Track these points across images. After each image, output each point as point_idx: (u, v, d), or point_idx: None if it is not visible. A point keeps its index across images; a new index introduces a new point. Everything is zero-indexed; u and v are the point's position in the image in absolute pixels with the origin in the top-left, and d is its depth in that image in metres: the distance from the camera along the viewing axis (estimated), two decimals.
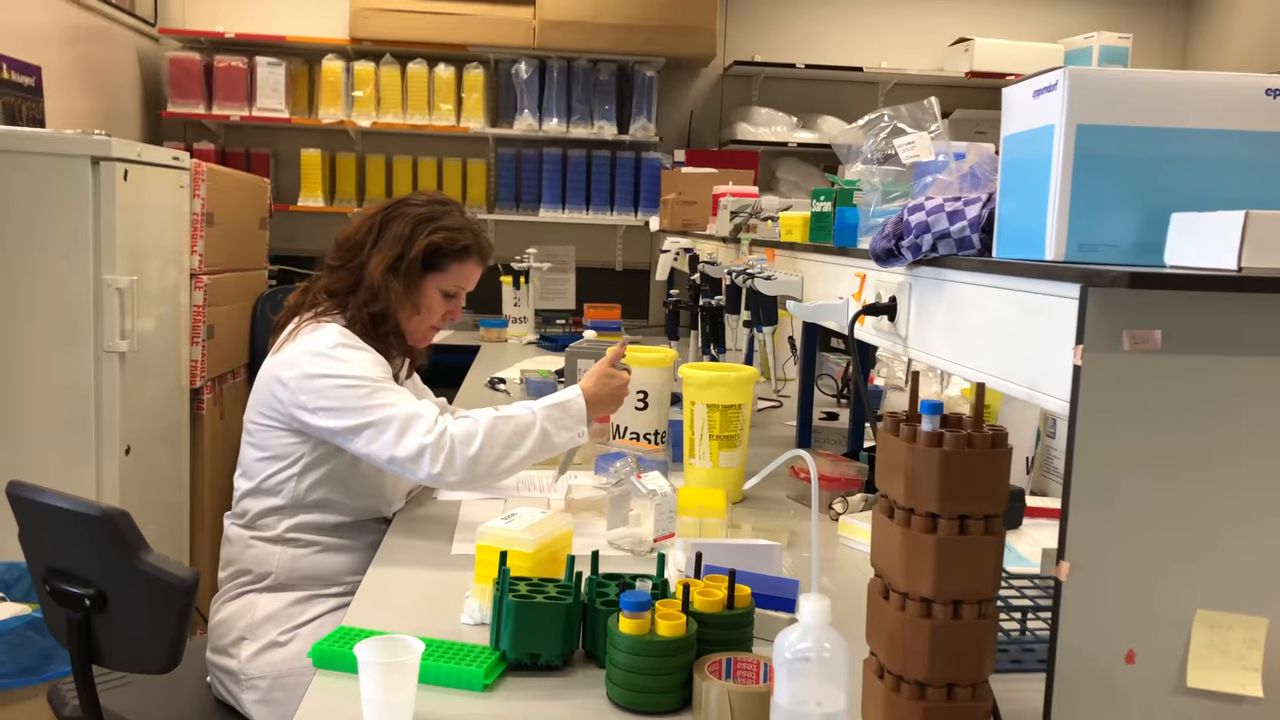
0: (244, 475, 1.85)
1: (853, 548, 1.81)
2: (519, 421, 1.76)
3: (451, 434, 1.70)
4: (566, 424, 1.80)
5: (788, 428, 2.84)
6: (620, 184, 4.82)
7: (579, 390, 1.85)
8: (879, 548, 1.10)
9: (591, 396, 1.86)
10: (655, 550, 1.71)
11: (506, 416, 1.76)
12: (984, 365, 1.26)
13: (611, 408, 1.91)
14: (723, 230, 2.88)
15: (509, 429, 1.74)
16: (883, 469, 1.09)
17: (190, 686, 1.85)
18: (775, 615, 1.38)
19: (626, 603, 1.15)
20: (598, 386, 1.87)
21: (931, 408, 1.02)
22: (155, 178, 2.96)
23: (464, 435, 1.71)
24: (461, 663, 1.21)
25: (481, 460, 1.71)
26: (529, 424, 1.76)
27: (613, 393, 1.89)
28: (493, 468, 1.72)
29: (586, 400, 1.84)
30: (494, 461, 1.72)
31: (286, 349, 1.80)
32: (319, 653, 1.25)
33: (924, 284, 1.45)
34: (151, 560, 1.55)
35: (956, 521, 1.02)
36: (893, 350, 1.58)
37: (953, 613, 1.03)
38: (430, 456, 1.68)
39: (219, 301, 3.48)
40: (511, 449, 1.73)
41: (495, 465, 1.72)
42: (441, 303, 1.94)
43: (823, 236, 2.00)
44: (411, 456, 1.68)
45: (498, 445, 1.72)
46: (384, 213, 1.91)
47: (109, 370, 2.71)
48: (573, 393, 1.85)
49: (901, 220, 1.42)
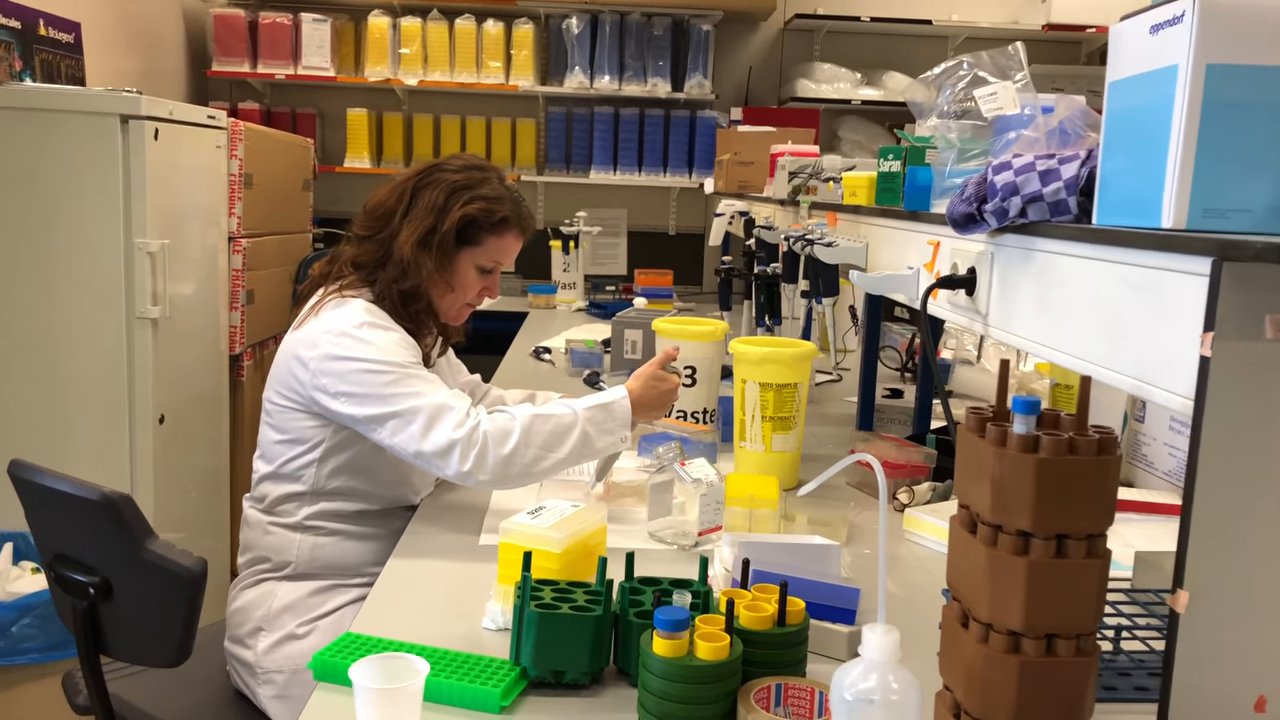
0: (262, 458, 1.74)
1: (920, 544, 1.64)
2: (559, 422, 1.61)
3: (485, 430, 1.56)
4: (609, 427, 1.65)
5: (847, 404, 2.66)
6: (674, 144, 4.63)
7: (625, 392, 1.70)
8: (957, 567, 0.94)
9: (638, 400, 1.70)
10: (699, 545, 1.56)
11: (545, 415, 1.61)
12: (1081, 350, 1.09)
13: (658, 413, 1.76)
14: (780, 192, 2.69)
15: (547, 429, 1.59)
16: (964, 474, 0.92)
17: (210, 675, 1.76)
18: (832, 628, 1.23)
19: (662, 621, 1.00)
20: (645, 390, 1.72)
21: (1026, 405, 0.86)
22: (189, 137, 2.86)
23: (498, 433, 1.57)
24: (476, 680, 1.08)
25: (515, 461, 1.56)
26: (569, 425, 1.61)
27: (661, 397, 1.74)
28: (527, 470, 1.58)
29: (632, 403, 1.68)
30: (529, 464, 1.58)
31: (309, 325, 1.67)
32: (320, 664, 1.12)
33: (1009, 254, 1.27)
34: (156, 548, 1.44)
35: (1053, 542, 0.86)
36: (970, 329, 1.40)
37: (1045, 648, 0.87)
38: (460, 453, 1.54)
39: (259, 265, 3.39)
40: (549, 451, 1.59)
41: (530, 468, 1.58)
42: (477, 279, 1.79)
43: (891, 199, 1.81)
44: (439, 452, 1.55)
45: (534, 446, 1.58)
46: (416, 179, 1.76)
47: (141, 337, 2.62)
48: (618, 394, 1.69)
49: (985, 181, 1.24)
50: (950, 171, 1.54)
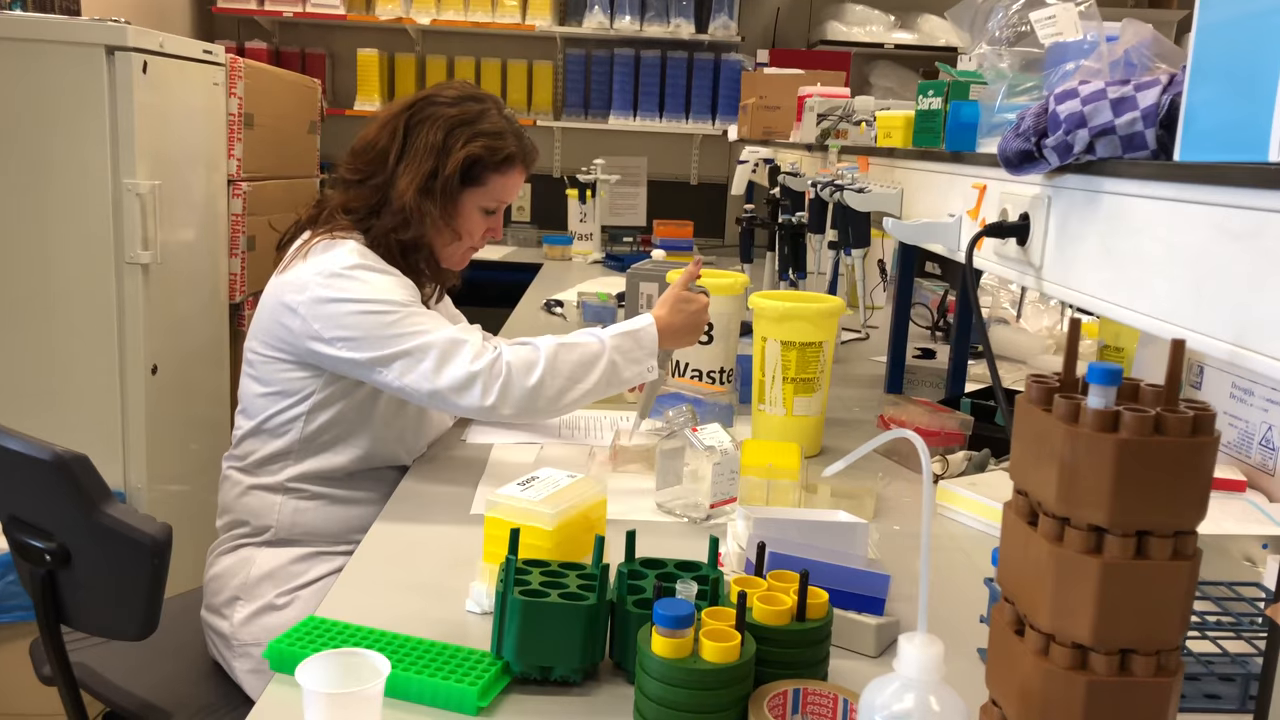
0: (244, 413, 1.61)
1: (955, 519, 1.50)
2: (585, 351, 1.51)
3: (508, 361, 1.46)
4: (636, 356, 1.54)
5: (874, 365, 2.51)
6: (697, 89, 4.44)
7: (651, 318, 1.57)
8: (1012, 563, 0.79)
9: (665, 325, 1.58)
10: (711, 518, 1.42)
11: (571, 344, 1.51)
12: (1159, 309, 0.93)
13: (689, 338, 1.63)
14: (807, 136, 2.52)
15: (573, 359, 1.50)
16: (1023, 455, 0.77)
17: (187, 644, 1.65)
18: (859, 619, 1.09)
19: (662, 616, 0.86)
20: (672, 313, 1.59)
21: (1105, 374, 0.70)
22: (183, 72, 2.70)
23: (522, 363, 1.47)
24: (451, 676, 0.95)
25: (542, 393, 1.47)
26: (596, 354, 1.51)
27: (689, 319, 1.61)
28: (553, 402, 1.49)
29: (659, 330, 1.56)
30: (555, 395, 1.48)
31: (295, 268, 1.53)
32: (276, 653, 1.00)
33: (1070, 197, 1.11)
34: (115, 513, 1.31)
35: (1132, 539, 0.71)
36: (1022, 283, 1.24)
37: (1118, 665, 0.73)
38: (483, 385, 1.45)
39: (261, 210, 3.25)
40: (575, 382, 1.49)
41: (557, 400, 1.49)
42: (482, 221, 1.65)
43: (930, 140, 1.65)
44: (457, 386, 1.45)
45: (560, 376, 1.48)
46: (407, 114, 1.61)
47: (131, 283, 2.49)
48: (644, 320, 1.57)
49: (1046, 111, 1.08)
50: (1000, 106, 1.37)
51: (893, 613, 1.13)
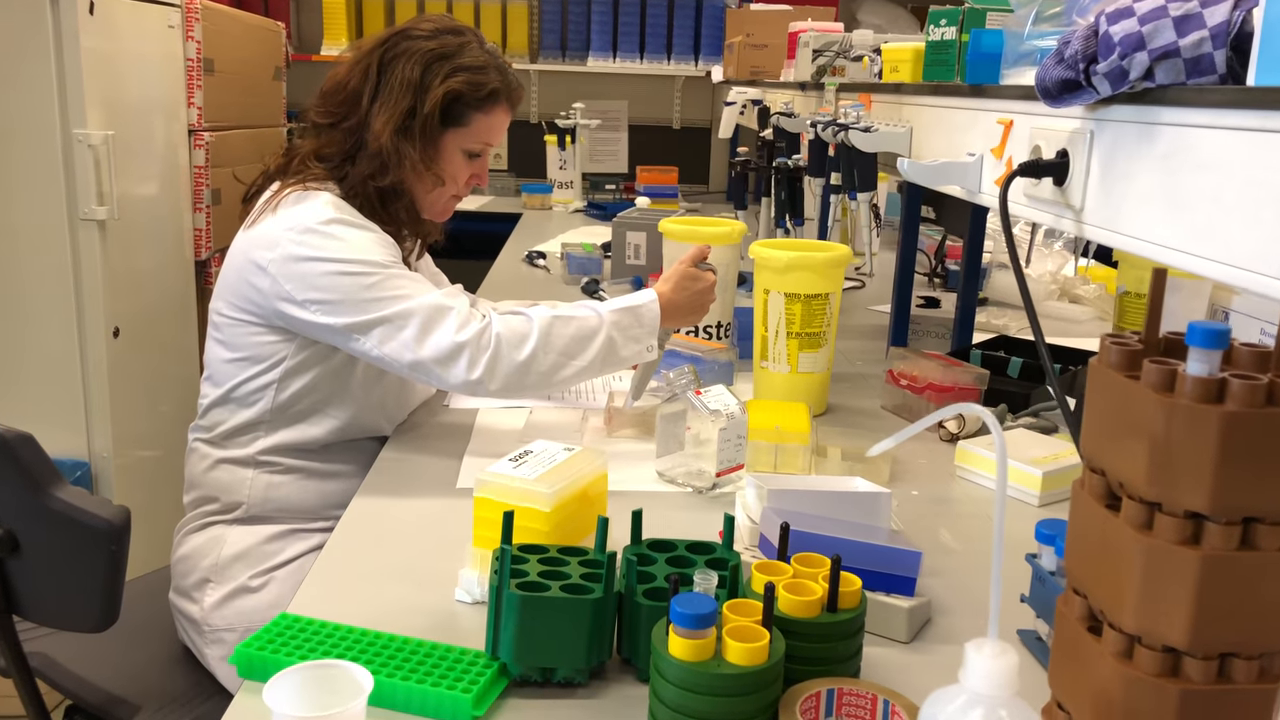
0: (210, 380, 1.49)
1: (976, 482, 1.40)
2: (581, 325, 1.39)
3: (497, 332, 1.35)
4: (636, 334, 1.42)
5: (873, 315, 2.41)
6: (679, 27, 4.27)
7: (655, 295, 1.46)
8: (1083, 552, 0.69)
9: (669, 303, 1.46)
10: (717, 487, 1.32)
11: (566, 317, 1.40)
12: (1232, 255, 0.82)
13: (692, 319, 1.52)
14: (802, 74, 2.38)
15: (569, 333, 1.38)
16: (1100, 428, 0.67)
17: (156, 629, 1.54)
18: (889, 602, 0.99)
19: (682, 615, 0.76)
20: (677, 291, 1.48)
21: (1210, 335, 0.60)
22: (134, 14, 2.53)
23: (513, 335, 1.36)
24: (443, 682, 0.85)
25: (533, 369, 1.36)
26: (593, 330, 1.40)
27: (694, 299, 1.49)
28: (545, 378, 1.37)
29: (662, 307, 1.45)
30: (547, 372, 1.37)
31: (265, 223, 1.40)
32: (244, 659, 0.89)
33: (1118, 130, 0.99)
34: (66, 498, 1.20)
35: (1237, 528, 0.61)
36: (1059, 227, 1.13)
37: (1216, 671, 0.63)
38: (469, 358, 1.33)
39: (225, 162, 3.08)
40: (569, 358, 1.38)
41: (549, 376, 1.37)
42: (465, 165, 1.52)
43: (943, 74, 1.52)
44: (441, 358, 1.33)
45: (553, 352, 1.37)
46: (381, 49, 1.46)
47: (87, 240, 2.34)
48: (647, 296, 1.46)
49: (1097, 34, 0.96)
50: (1030, 33, 1.25)
51: (923, 592, 1.03)
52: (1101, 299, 2.45)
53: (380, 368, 1.41)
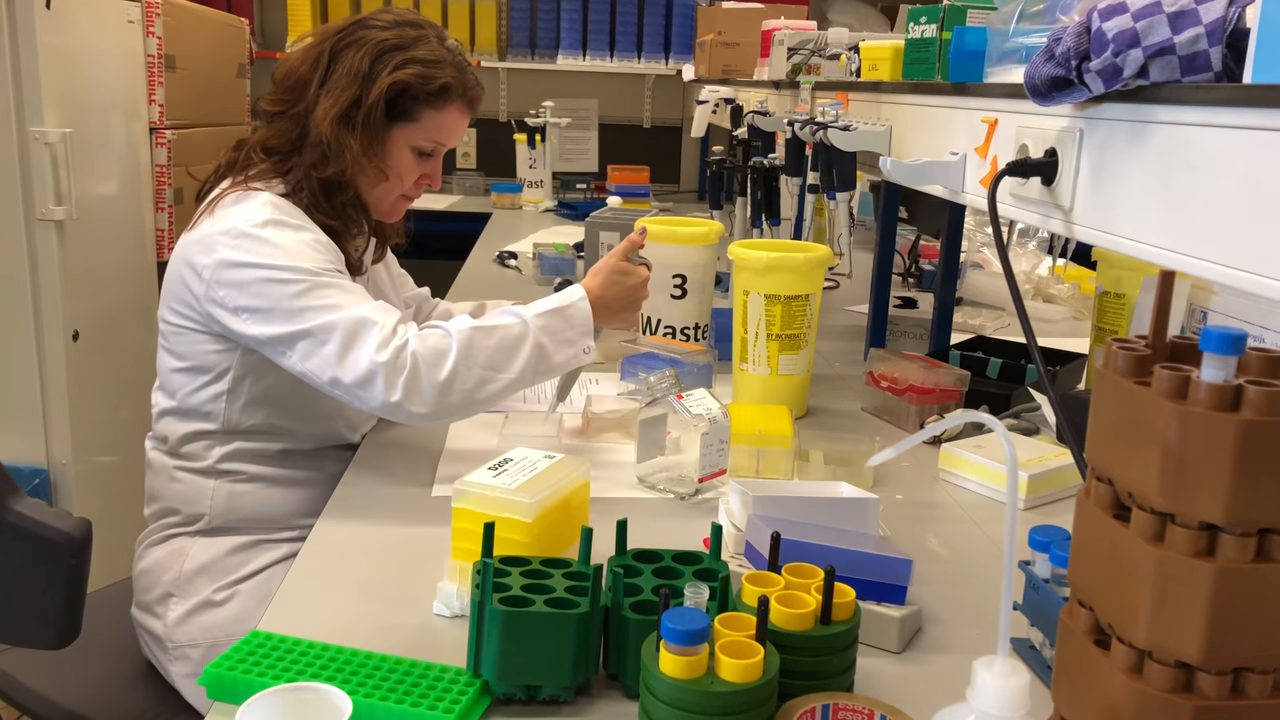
0: (161, 389, 1.44)
1: (960, 486, 1.38)
2: (505, 334, 1.30)
3: (414, 350, 1.25)
4: (567, 336, 1.34)
5: (849, 315, 2.39)
6: (649, 25, 4.24)
7: (583, 292, 1.39)
8: (1090, 562, 0.67)
9: (598, 299, 1.39)
10: (700, 493, 1.29)
11: (488, 327, 1.30)
12: (1228, 256, 0.81)
13: (626, 315, 1.46)
14: (777, 73, 2.36)
15: (491, 344, 1.29)
16: (1106, 436, 0.65)
17: (118, 644, 1.49)
18: (880, 611, 0.97)
19: (673, 631, 0.73)
20: (606, 286, 1.42)
21: (1225, 340, 0.58)
22: (93, 9, 2.46)
23: (431, 353, 1.26)
24: (423, 701, 0.81)
25: (455, 387, 1.26)
26: (518, 337, 1.31)
27: (626, 294, 1.44)
28: (470, 397, 1.27)
29: (592, 304, 1.38)
30: (471, 389, 1.27)
31: (203, 225, 1.35)
32: (214, 679, 0.85)
33: (1110, 129, 0.98)
34: (23, 510, 1.15)
35: (1253, 540, 0.59)
36: (1047, 227, 1.11)
37: (1231, 686, 0.61)
38: (385, 380, 1.23)
39: (188, 161, 3.01)
40: (495, 371, 1.28)
41: (474, 394, 1.27)
42: (415, 164, 1.46)
43: (924, 72, 1.51)
44: (359, 380, 1.24)
45: (476, 366, 1.27)
46: (336, 38, 1.41)
47: (45, 242, 2.28)
48: (575, 294, 1.38)
49: (1089, 30, 0.94)
50: (1015, 30, 1.24)
51: (912, 600, 1.01)
52: (1075, 298, 2.45)
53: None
